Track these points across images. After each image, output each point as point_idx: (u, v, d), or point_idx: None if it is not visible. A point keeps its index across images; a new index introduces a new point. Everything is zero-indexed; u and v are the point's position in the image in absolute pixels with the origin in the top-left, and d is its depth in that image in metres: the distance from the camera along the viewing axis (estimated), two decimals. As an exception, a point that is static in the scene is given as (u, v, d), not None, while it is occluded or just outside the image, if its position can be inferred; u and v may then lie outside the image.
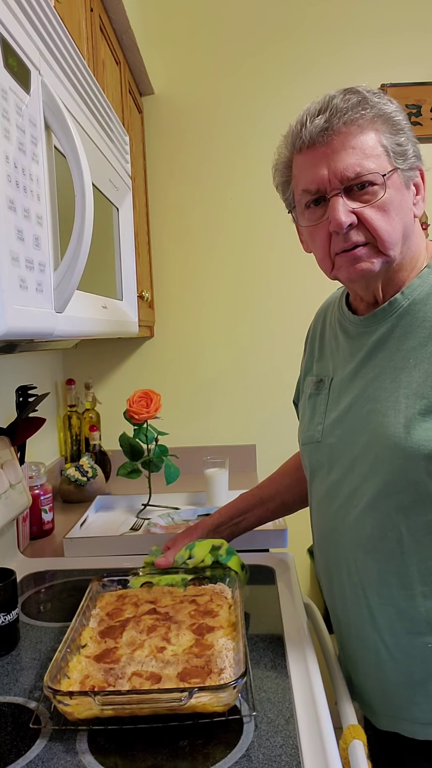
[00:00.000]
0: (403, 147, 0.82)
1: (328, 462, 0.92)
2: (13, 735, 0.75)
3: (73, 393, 2.03)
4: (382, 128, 0.81)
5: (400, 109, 0.85)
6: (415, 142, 0.85)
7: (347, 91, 0.83)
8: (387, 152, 0.81)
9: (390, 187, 0.81)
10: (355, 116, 0.80)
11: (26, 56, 0.67)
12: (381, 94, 0.84)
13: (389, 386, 0.83)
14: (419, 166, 0.86)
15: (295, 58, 2.07)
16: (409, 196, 0.84)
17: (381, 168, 0.80)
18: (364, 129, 0.81)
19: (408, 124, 0.85)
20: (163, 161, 2.10)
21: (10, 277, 0.61)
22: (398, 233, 0.82)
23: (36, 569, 1.27)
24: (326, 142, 0.81)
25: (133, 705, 0.72)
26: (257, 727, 0.74)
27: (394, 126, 0.82)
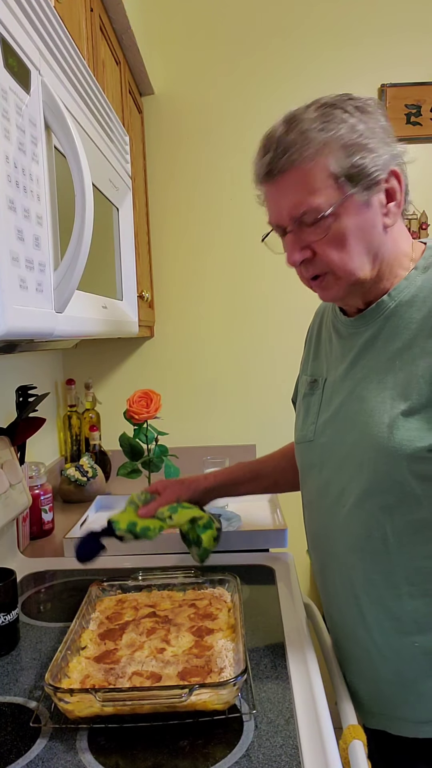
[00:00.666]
0: (360, 166, 0.78)
1: (319, 461, 0.93)
2: (14, 735, 0.75)
3: (73, 393, 2.03)
4: (331, 156, 0.78)
5: (361, 120, 0.79)
6: (385, 144, 0.80)
7: (289, 121, 0.80)
8: (337, 180, 0.78)
9: (344, 215, 0.79)
10: (298, 151, 0.78)
11: (26, 56, 0.67)
12: (334, 110, 0.79)
13: (376, 387, 0.84)
14: (391, 170, 0.81)
15: (295, 57, 2.06)
16: (372, 212, 0.81)
17: (329, 200, 0.78)
18: (309, 163, 0.78)
19: (373, 130, 0.79)
20: (163, 161, 2.10)
21: (10, 277, 0.61)
22: (358, 259, 0.81)
23: (36, 569, 1.27)
24: (274, 181, 0.81)
25: (134, 701, 0.72)
26: (257, 727, 0.74)
27: (349, 148, 0.78)
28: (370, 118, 0.80)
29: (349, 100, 0.81)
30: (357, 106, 0.80)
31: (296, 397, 1.13)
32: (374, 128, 0.80)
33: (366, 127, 0.79)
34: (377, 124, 0.80)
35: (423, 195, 2.08)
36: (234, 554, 1.26)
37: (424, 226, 2.06)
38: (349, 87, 2.14)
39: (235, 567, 1.16)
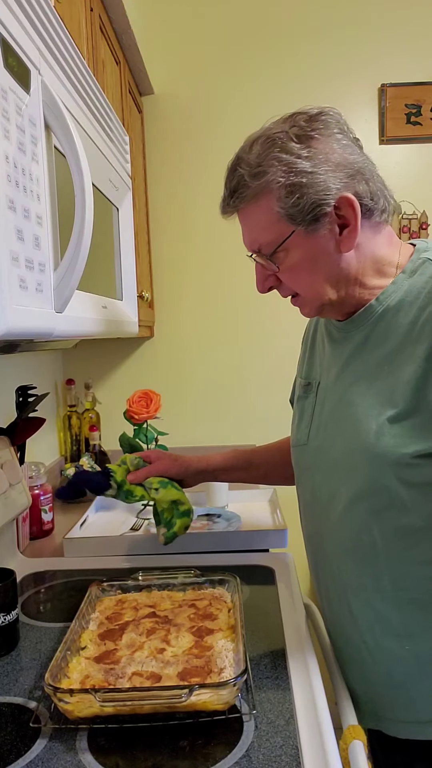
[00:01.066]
0: (300, 205, 0.78)
1: (312, 465, 0.94)
2: (13, 735, 0.75)
3: (72, 393, 2.03)
4: (271, 197, 0.79)
5: (301, 156, 0.78)
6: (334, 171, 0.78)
7: (234, 166, 0.84)
8: (282, 217, 0.80)
9: (293, 249, 0.81)
10: (241, 196, 0.83)
11: (26, 56, 0.67)
12: (274, 149, 0.79)
13: (365, 392, 0.84)
14: (340, 198, 0.79)
15: (295, 57, 2.06)
16: (323, 242, 0.81)
17: (277, 236, 0.81)
18: (253, 204, 0.82)
19: (317, 162, 0.78)
20: (163, 161, 2.10)
21: (10, 277, 0.61)
22: (318, 285, 0.84)
23: (36, 569, 1.27)
24: (230, 215, 0.88)
25: (133, 702, 0.72)
26: (257, 728, 0.74)
27: (287, 188, 0.78)
28: (317, 145, 0.79)
29: (294, 128, 0.80)
30: (301, 135, 0.79)
31: (293, 397, 1.13)
32: (319, 161, 0.78)
33: (309, 163, 0.78)
34: (325, 150, 0.79)
35: (423, 195, 2.08)
36: (234, 554, 1.26)
37: (424, 226, 2.06)
38: (348, 87, 2.15)
39: (235, 567, 1.16)
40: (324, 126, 0.80)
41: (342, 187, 0.79)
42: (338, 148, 0.80)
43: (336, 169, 0.79)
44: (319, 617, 1.09)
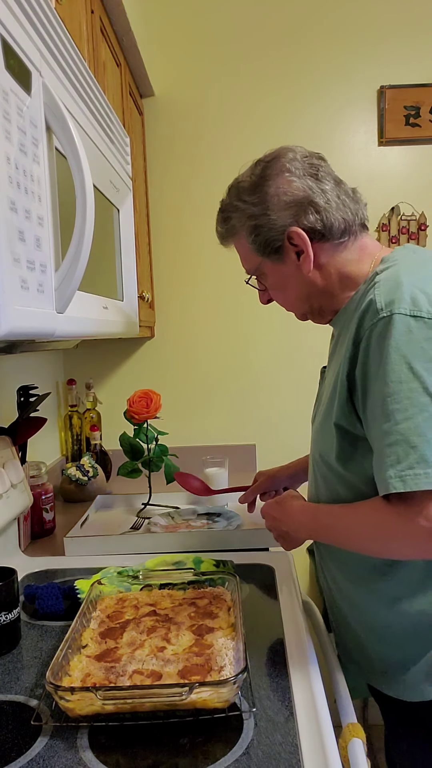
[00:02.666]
0: (258, 242, 0.95)
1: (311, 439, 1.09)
2: (15, 733, 0.75)
3: (74, 393, 2.04)
4: (241, 236, 0.98)
5: (252, 202, 0.94)
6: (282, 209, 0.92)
7: (220, 210, 1.02)
8: (252, 251, 0.98)
9: (266, 274, 0.99)
10: (223, 234, 1.02)
11: (27, 57, 0.68)
12: (236, 201, 0.97)
13: (324, 391, 0.99)
14: (289, 232, 0.92)
15: (295, 59, 2.07)
16: (288, 267, 0.96)
17: (253, 265, 1.00)
18: (233, 240, 1.01)
19: (266, 206, 0.93)
20: (164, 163, 2.11)
21: (12, 278, 0.61)
22: (294, 300, 1.00)
23: (37, 568, 1.27)
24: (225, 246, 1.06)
25: (134, 700, 0.73)
26: (257, 725, 0.74)
27: (248, 229, 0.96)
28: (268, 190, 0.93)
29: (252, 176, 0.96)
30: (255, 183, 0.95)
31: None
32: (267, 206, 0.93)
33: (256, 208, 0.94)
34: (276, 194, 0.93)
35: (422, 196, 2.08)
36: (234, 553, 1.27)
37: (423, 227, 2.07)
38: (348, 88, 2.16)
39: (236, 566, 1.16)
40: (277, 171, 0.94)
41: (290, 223, 0.93)
42: (287, 189, 0.93)
43: (284, 208, 0.93)
44: (319, 616, 1.09)
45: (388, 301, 0.81)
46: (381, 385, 0.79)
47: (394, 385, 0.78)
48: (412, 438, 0.76)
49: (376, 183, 2.07)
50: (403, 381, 0.77)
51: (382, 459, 0.79)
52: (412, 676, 0.91)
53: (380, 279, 0.85)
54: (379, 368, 0.80)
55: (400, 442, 0.76)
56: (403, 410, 0.77)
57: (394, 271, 0.86)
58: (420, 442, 0.75)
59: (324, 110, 2.07)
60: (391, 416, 0.77)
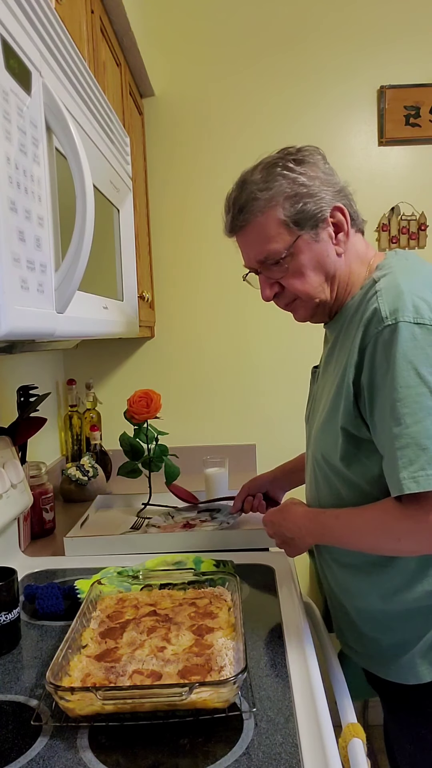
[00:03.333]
0: (304, 211, 0.92)
1: (306, 440, 1.11)
2: (15, 733, 0.75)
3: (74, 393, 2.04)
4: (278, 207, 0.93)
5: (301, 172, 0.93)
6: (326, 186, 0.93)
7: (240, 185, 0.96)
8: (287, 225, 0.93)
9: (297, 253, 0.94)
10: (250, 210, 0.94)
11: (27, 58, 0.68)
12: (275, 168, 0.93)
13: (325, 390, 1.00)
14: (334, 207, 0.94)
15: (295, 59, 2.07)
16: (323, 245, 0.95)
17: (283, 245, 0.94)
18: (261, 216, 0.94)
19: (313, 178, 0.93)
20: (164, 163, 2.11)
21: (12, 278, 0.61)
22: (317, 284, 0.97)
23: (37, 568, 1.27)
24: (238, 235, 0.99)
25: (134, 700, 0.72)
26: (257, 726, 0.74)
27: (291, 198, 0.92)
28: (309, 167, 0.94)
29: (288, 155, 0.95)
30: (296, 159, 0.95)
31: None
32: (314, 175, 0.94)
33: (306, 177, 0.93)
34: (317, 171, 0.95)
35: (422, 196, 2.08)
36: (234, 553, 1.27)
37: (423, 227, 2.07)
38: (348, 88, 2.16)
39: (235, 566, 1.16)
40: (309, 155, 0.96)
41: (332, 199, 0.95)
42: (323, 171, 0.96)
43: (326, 186, 0.95)
44: (319, 616, 1.09)
45: (392, 310, 0.85)
46: (389, 391, 0.83)
47: (403, 390, 0.81)
48: (422, 441, 0.80)
49: (376, 183, 2.07)
50: (411, 386, 0.81)
51: (393, 462, 0.82)
52: (408, 660, 0.94)
53: (381, 287, 0.89)
54: (386, 374, 0.83)
55: (410, 445, 0.80)
56: (412, 414, 0.81)
57: (392, 279, 0.90)
58: (430, 444, 0.80)
59: (324, 110, 2.07)
60: (401, 420, 0.81)
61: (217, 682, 0.73)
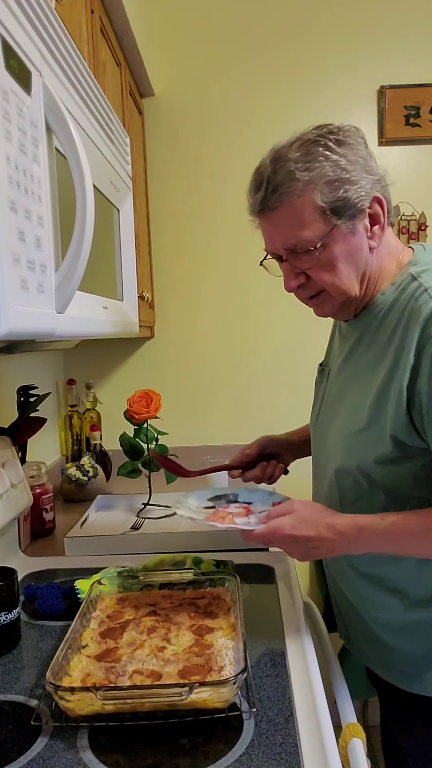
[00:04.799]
0: (344, 199, 0.84)
1: (316, 443, 1.06)
2: (15, 733, 0.75)
3: (74, 393, 2.04)
4: (316, 192, 0.84)
5: (343, 155, 0.85)
6: (366, 173, 0.86)
7: (275, 161, 0.86)
8: (324, 213, 0.85)
9: (332, 244, 0.86)
10: (287, 191, 0.85)
11: (27, 58, 0.68)
12: (317, 147, 0.85)
13: (353, 391, 0.94)
14: (373, 197, 0.87)
15: (294, 59, 2.07)
16: (358, 238, 0.88)
17: (317, 233, 0.85)
18: (297, 200, 0.85)
19: (354, 162, 0.85)
20: (164, 162, 2.11)
21: (12, 278, 0.61)
22: (348, 279, 0.89)
23: (37, 568, 1.27)
24: (266, 216, 0.89)
25: (134, 700, 0.72)
26: (257, 726, 0.74)
27: (331, 183, 0.84)
28: (351, 150, 0.86)
29: (329, 134, 0.86)
30: (338, 139, 0.86)
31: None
32: (355, 160, 0.86)
33: (347, 161, 0.85)
34: (358, 155, 0.87)
35: (422, 196, 2.08)
36: (234, 553, 1.26)
37: (423, 227, 2.07)
38: (348, 88, 2.16)
39: (236, 566, 1.16)
40: (351, 136, 0.88)
41: (372, 188, 0.87)
42: (364, 156, 0.88)
43: (367, 173, 0.87)
44: (319, 616, 1.09)
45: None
46: None
47: None
48: None
49: (376, 183, 2.07)
50: None
51: None
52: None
53: (428, 285, 0.85)
54: None
55: None
56: None
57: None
58: None
59: (324, 110, 2.06)
60: None
61: (217, 682, 0.73)
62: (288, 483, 1.27)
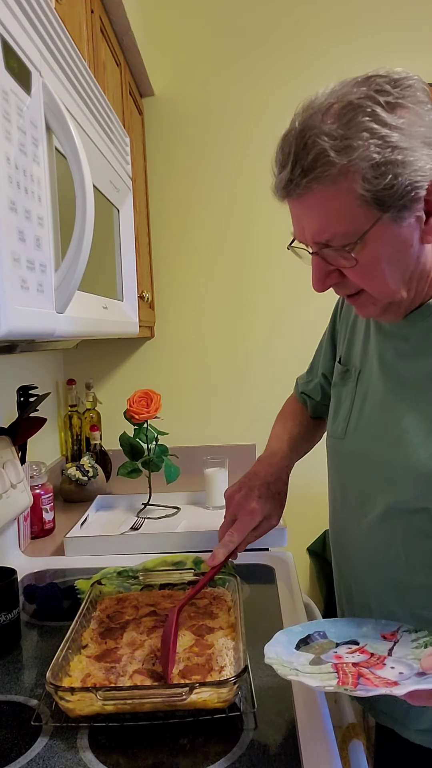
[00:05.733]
0: (392, 187, 0.65)
1: (346, 463, 0.89)
2: (14, 733, 0.75)
3: (73, 393, 2.04)
4: (357, 177, 0.66)
5: (395, 126, 0.65)
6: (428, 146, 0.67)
7: (304, 134, 0.67)
8: (366, 203, 0.67)
9: (373, 241, 0.69)
10: (319, 176, 0.67)
11: (27, 57, 0.68)
12: (360, 117, 0.65)
13: (415, 403, 0.78)
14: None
15: (295, 59, 2.07)
16: (407, 232, 0.69)
17: (357, 227, 0.68)
18: (331, 186, 0.67)
19: (411, 134, 0.65)
20: (164, 162, 2.11)
21: (12, 278, 0.61)
22: (393, 282, 0.72)
23: (37, 568, 1.27)
24: (295, 198, 0.71)
25: (134, 700, 0.72)
26: (257, 726, 0.74)
27: (377, 167, 0.65)
28: (408, 115, 0.66)
29: (380, 93, 0.65)
30: (391, 102, 0.65)
31: (310, 377, 1.13)
32: (413, 131, 0.65)
33: (401, 135, 0.65)
34: (417, 124, 0.66)
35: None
36: (234, 554, 1.26)
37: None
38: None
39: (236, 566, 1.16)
40: (411, 94, 0.67)
41: (427, 175, 0.67)
42: (428, 121, 0.67)
43: (428, 146, 0.66)
44: (319, 616, 1.09)
45: None
46: None
47: None
48: None
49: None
50: None
51: None
52: None
53: None
54: None
55: None
56: None
57: None
58: None
59: (324, 110, 2.06)
60: None
61: (217, 682, 0.73)
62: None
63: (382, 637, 0.78)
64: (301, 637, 0.79)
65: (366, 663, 0.72)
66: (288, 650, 0.76)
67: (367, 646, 0.76)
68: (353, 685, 0.66)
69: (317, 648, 0.77)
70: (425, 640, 0.74)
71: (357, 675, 0.69)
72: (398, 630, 0.78)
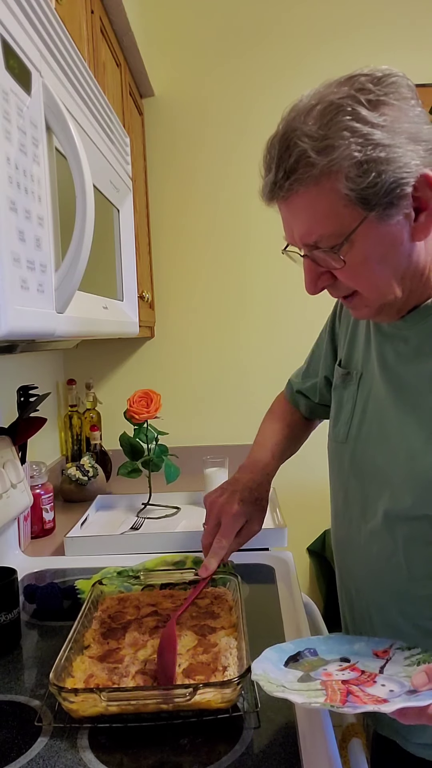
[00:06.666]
0: (376, 185, 0.65)
1: (349, 467, 0.88)
2: (15, 733, 0.75)
3: (74, 393, 2.04)
4: (340, 176, 0.65)
5: (377, 124, 0.64)
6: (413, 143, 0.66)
7: (287, 137, 0.68)
8: (350, 202, 0.66)
9: (361, 240, 0.68)
10: (300, 177, 0.67)
11: (27, 58, 0.68)
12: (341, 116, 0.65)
13: (418, 405, 0.77)
14: (420, 175, 0.66)
15: (295, 59, 2.07)
16: (396, 230, 0.69)
17: (341, 228, 0.68)
18: (314, 187, 0.67)
19: (394, 131, 0.65)
20: (164, 163, 2.11)
21: (12, 278, 0.61)
22: (385, 281, 0.72)
23: (37, 568, 1.27)
24: (281, 201, 0.72)
25: (138, 701, 0.72)
26: (258, 726, 0.74)
27: (360, 165, 0.64)
28: (391, 112, 0.66)
29: (361, 92, 0.66)
30: (372, 100, 0.65)
31: (308, 377, 1.11)
32: (396, 128, 0.65)
33: (384, 132, 0.64)
34: (402, 120, 0.66)
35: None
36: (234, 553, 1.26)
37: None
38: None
39: (236, 566, 1.16)
40: (394, 91, 0.67)
41: (420, 164, 0.66)
42: (411, 118, 0.67)
43: (414, 143, 0.66)
44: (319, 616, 1.09)
45: None
46: None
47: None
48: None
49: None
50: None
51: None
52: None
53: None
54: None
55: None
56: None
57: None
58: None
59: (324, 110, 2.07)
60: None
61: (221, 683, 0.73)
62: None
63: (375, 654, 0.78)
64: (290, 654, 0.78)
65: (356, 680, 0.72)
66: (276, 667, 0.75)
67: (359, 664, 0.76)
68: (341, 702, 0.65)
69: (307, 665, 0.76)
70: (418, 658, 0.73)
71: (346, 692, 0.68)
72: (391, 647, 0.77)
